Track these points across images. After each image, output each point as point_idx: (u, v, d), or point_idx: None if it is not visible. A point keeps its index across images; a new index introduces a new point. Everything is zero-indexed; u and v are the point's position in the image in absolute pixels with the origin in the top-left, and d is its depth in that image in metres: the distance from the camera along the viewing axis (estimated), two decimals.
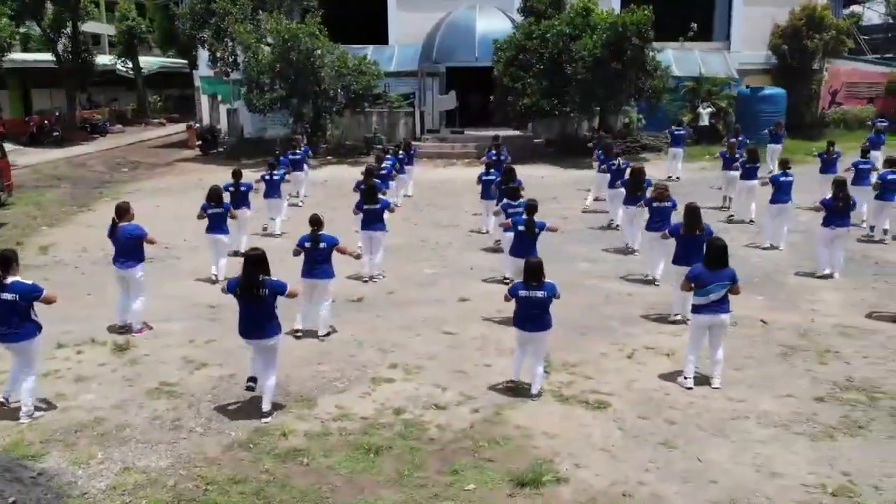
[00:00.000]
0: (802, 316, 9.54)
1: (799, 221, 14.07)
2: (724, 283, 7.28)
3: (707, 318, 7.35)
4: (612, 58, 22.20)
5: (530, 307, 7.12)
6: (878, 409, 6.92)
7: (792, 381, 7.59)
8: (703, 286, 7.29)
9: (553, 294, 7.17)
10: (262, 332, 6.84)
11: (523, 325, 7.21)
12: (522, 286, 7.14)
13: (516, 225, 9.44)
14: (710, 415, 6.88)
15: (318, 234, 8.57)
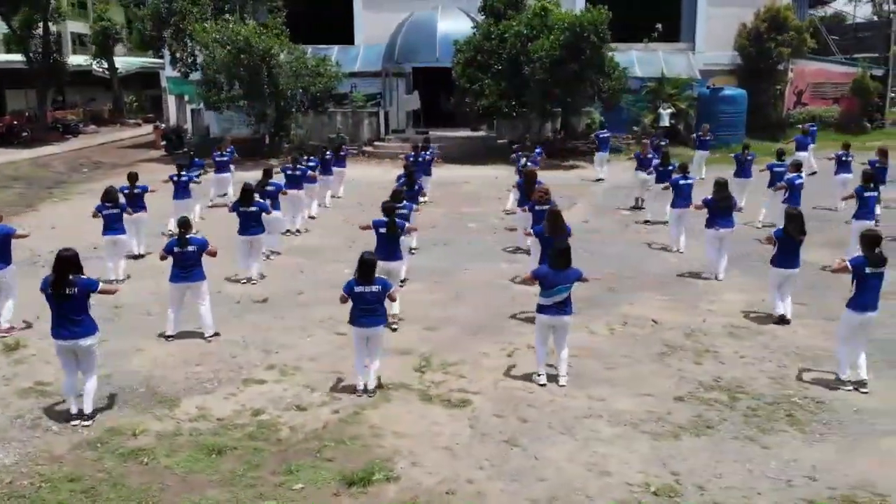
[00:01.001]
0: (697, 316, 9.58)
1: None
2: (569, 283, 7.33)
3: (548, 318, 7.43)
4: (569, 58, 22.21)
5: (365, 303, 7.17)
6: (735, 410, 6.97)
7: (659, 380, 7.64)
8: (549, 287, 7.34)
9: (387, 289, 7.24)
10: (75, 332, 6.78)
11: (358, 321, 7.24)
12: (356, 282, 7.19)
13: (377, 227, 9.42)
14: (565, 413, 6.93)
15: (186, 237, 8.60)
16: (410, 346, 8.61)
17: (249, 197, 10.88)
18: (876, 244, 7.32)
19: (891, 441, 6.37)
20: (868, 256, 7.33)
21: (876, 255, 7.30)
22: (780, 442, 6.37)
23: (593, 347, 8.56)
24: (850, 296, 7.41)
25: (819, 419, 6.77)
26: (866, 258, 7.33)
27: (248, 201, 10.84)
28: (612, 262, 12.23)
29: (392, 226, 9.20)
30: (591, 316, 9.54)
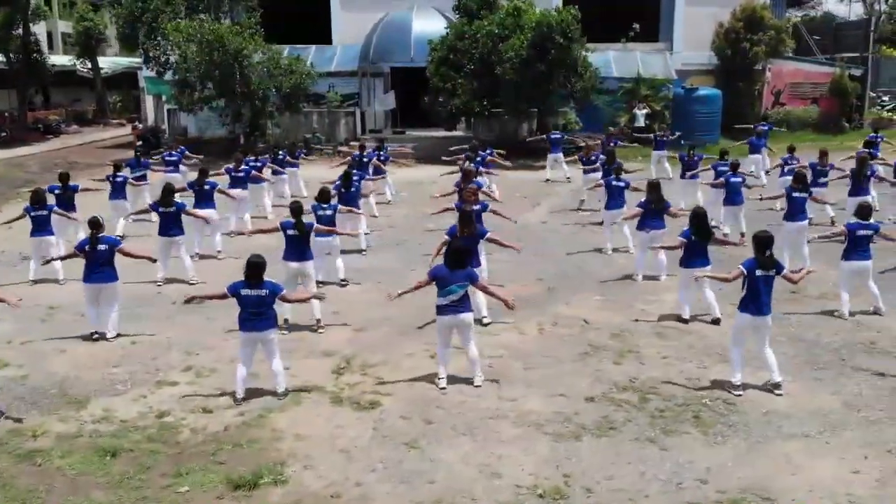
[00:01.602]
0: (630, 316, 9.53)
1: None
2: (462, 283, 7.30)
3: (448, 318, 7.38)
4: (537, 58, 22.18)
5: (251, 306, 7.11)
6: (642, 411, 6.92)
7: (576, 380, 7.59)
8: (443, 287, 7.30)
9: (275, 292, 7.17)
10: None
11: (245, 326, 7.18)
12: (242, 284, 7.13)
13: (285, 228, 9.37)
14: (473, 414, 6.88)
15: (97, 236, 8.55)
16: (337, 347, 8.56)
17: (168, 198, 10.83)
18: (767, 247, 7.26)
19: (792, 444, 6.31)
20: (758, 259, 7.27)
21: (766, 257, 7.24)
22: (681, 444, 6.33)
23: (518, 348, 8.52)
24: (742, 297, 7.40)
25: (725, 421, 6.72)
26: (756, 261, 7.28)
27: (167, 202, 10.79)
28: (561, 263, 12.21)
29: (299, 226, 9.13)
30: (523, 316, 9.48)
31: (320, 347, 8.51)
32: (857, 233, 9.19)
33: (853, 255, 9.24)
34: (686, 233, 9.14)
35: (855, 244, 9.20)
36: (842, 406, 6.97)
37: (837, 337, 8.69)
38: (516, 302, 9.61)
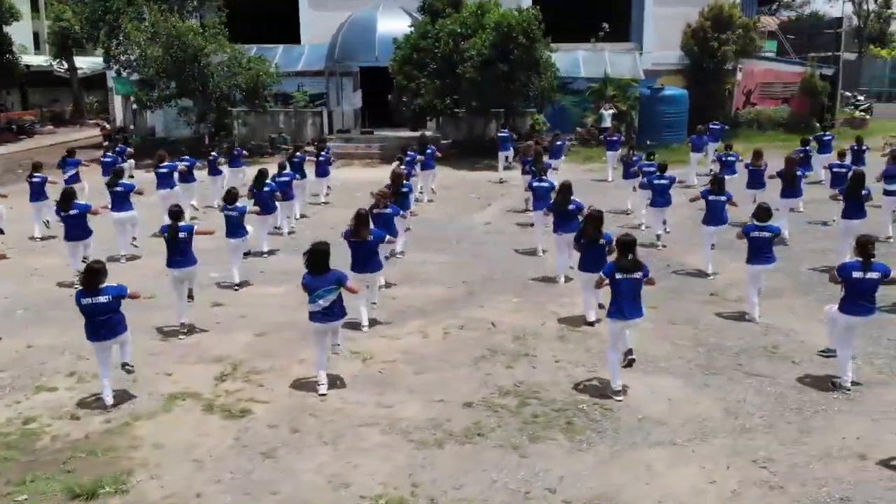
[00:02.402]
0: (541, 318, 9.39)
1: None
2: (330, 287, 7.16)
3: (321, 325, 7.24)
4: (498, 58, 22.02)
5: (94, 314, 6.96)
6: (517, 416, 6.79)
7: (461, 385, 7.46)
8: (311, 293, 7.17)
9: (120, 295, 7.03)
10: None
11: (92, 336, 7.08)
12: (82, 294, 7.04)
13: (163, 233, 9.20)
14: (345, 422, 6.74)
15: None
16: (230, 352, 8.40)
17: (68, 202, 10.71)
18: (629, 249, 7.16)
19: (656, 452, 6.18)
20: (618, 262, 7.17)
21: (628, 260, 7.12)
22: (544, 451, 6.19)
23: (416, 352, 8.36)
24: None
25: (597, 427, 6.58)
26: (616, 264, 7.17)
27: (66, 206, 10.67)
28: (492, 264, 12.05)
29: (172, 231, 9.00)
30: (433, 319, 9.38)
31: (213, 353, 8.37)
32: (751, 234, 9.07)
33: (753, 259, 9.12)
34: (579, 234, 9.05)
35: (754, 247, 9.07)
36: (721, 413, 6.84)
37: (741, 341, 8.55)
38: (431, 305, 9.65)
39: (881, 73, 45.00)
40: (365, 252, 8.96)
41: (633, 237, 7.41)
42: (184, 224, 9.34)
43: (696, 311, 9.68)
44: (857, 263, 7.19)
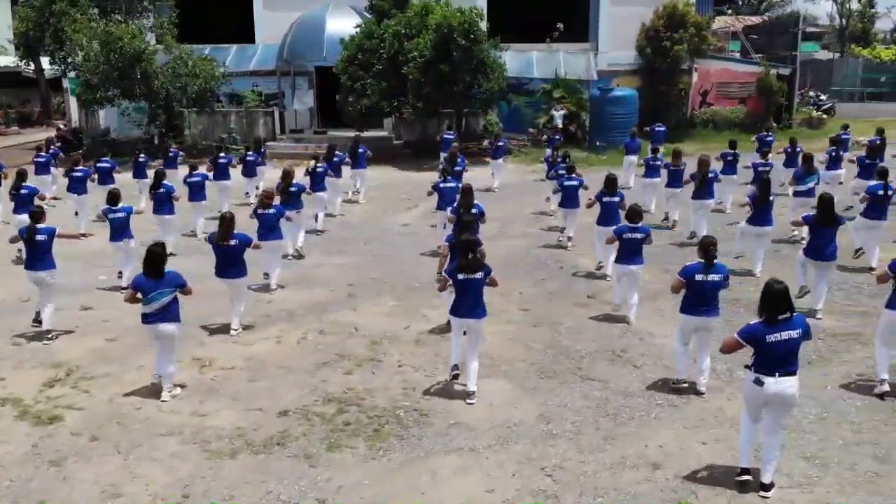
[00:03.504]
0: (408, 322, 9.26)
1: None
2: (164, 290, 7.05)
3: (150, 327, 7.19)
4: (439, 59, 21.90)
5: None
6: (328, 424, 6.67)
7: (287, 392, 7.34)
8: (145, 295, 7.07)
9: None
10: None
11: None
12: None
13: (21, 236, 9.11)
14: (147, 431, 6.62)
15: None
16: (72, 357, 8.23)
17: None
18: (469, 250, 7.07)
19: (449, 459, 6.07)
20: (459, 262, 7.11)
21: (467, 260, 7.02)
22: (337, 460, 6.08)
23: (261, 358, 8.23)
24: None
25: (404, 434, 6.47)
26: (458, 265, 7.12)
27: None
28: (387, 267, 11.93)
29: (30, 232, 8.87)
30: (298, 324, 9.27)
31: (56, 358, 8.24)
32: (623, 235, 8.97)
33: (622, 259, 9.03)
34: (450, 237, 8.92)
35: (625, 248, 8.97)
36: (535, 418, 6.73)
37: (594, 344, 8.45)
38: (304, 309, 9.54)
39: (853, 73, 44.91)
40: (228, 257, 8.84)
41: (474, 238, 7.33)
42: (43, 226, 9.17)
43: (566, 313, 9.57)
44: (699, 265, 7.10)
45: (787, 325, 5.39)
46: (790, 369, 5.41)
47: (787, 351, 5.39)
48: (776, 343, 5.36)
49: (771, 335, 5.36)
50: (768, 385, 5.38)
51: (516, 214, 16.05)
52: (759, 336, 5.39)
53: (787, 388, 5.41)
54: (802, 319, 5.55)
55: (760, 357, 5.44)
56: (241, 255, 8.92)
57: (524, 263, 12.11)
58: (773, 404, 5.48)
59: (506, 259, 12.37)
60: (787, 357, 5.40)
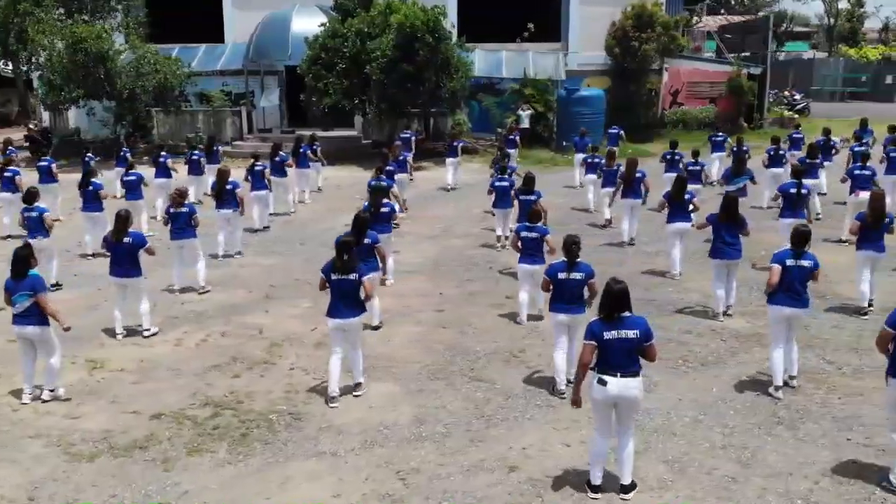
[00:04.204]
0: (315, 324, 9.15)
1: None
2: (25, 293, 6.98)
3: (18, 329, 7.12)
4: (402, 58, 21.82)
5: None
6: (197, 428, 6.58)
7: (170, 395, 7.25)
8: (10, 297, 7.01)
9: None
10: None
11: None
12: None
13: None
14: (13, 433, 6.54)
15: None
16: None
17: None
18: (344, 251, 7.07)
19: (308, 464, 5.99)
20: (334, 263, 7.12)
21: (343, 261, 7.03)
22: (193, 464, 6.00)
23: (155, 360, 8.16)
24: None
25: (270, 439, 6.39)
26: (332, 264, 7.11)
27: None
28: (315, 266, 11.52)
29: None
30: (203, 326, 9.19)
31: None
32: (520, 234, 9.02)
33: (522, 259, 9.02)
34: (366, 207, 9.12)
35: (525, 247, 8.96)
36: (409, 421, 6.65)
37: (495, 345, 8.39)
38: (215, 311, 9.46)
39: (834, 73, 44.89)
40: (122, 255, 8.76)
41: (346, 240, 7.25)
42: None
43: (480, 313, 9.51)
44: (562, 264, 7.05)
45: (624, 324, 5.37)
46: (632, 369, 5.38)
47: (625, 350, 5.36)
48: (613, 341, 5.34)
49: (608, 332, 5.35)
50: (611, 385, 5.32)
51: (464, 214, 16.00)
52: (597, 333, 5.38)
53: (631, 389, 5.36)
54: (643, 321, 5.50)
55: (601, 356, 5.41)
56: (134, 254, 8.79)
57: (455, 263, 12.04)
58: (619, 406, 5.42)
59: (437, 259, 12.36)
60: (626, 356, 5.37)
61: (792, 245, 7.15)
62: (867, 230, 9.02)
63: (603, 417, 5.48)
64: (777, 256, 7.16)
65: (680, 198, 10.71)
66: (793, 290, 7.00)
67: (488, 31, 27.43)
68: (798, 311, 7.06)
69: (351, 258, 7.10)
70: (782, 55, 55.31)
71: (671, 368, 7.70)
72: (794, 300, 6.99)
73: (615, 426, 5.50)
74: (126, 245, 8.71)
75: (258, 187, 14.42)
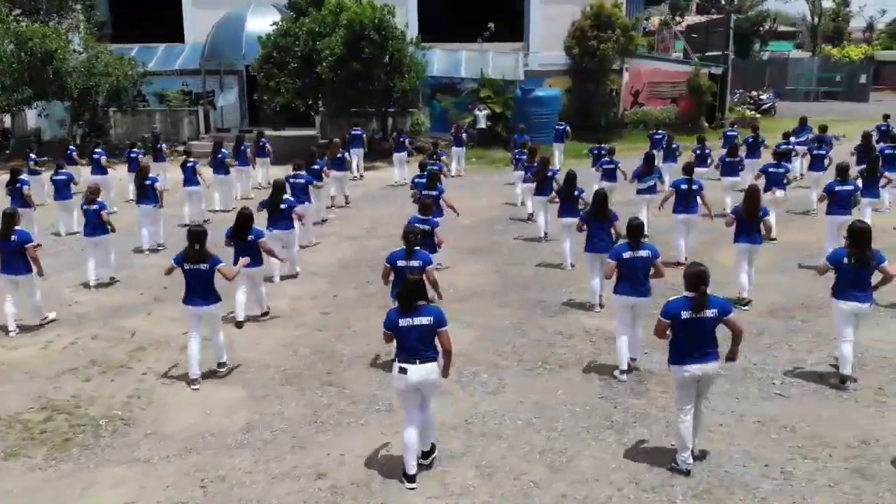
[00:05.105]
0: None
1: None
2: None
3: None
4: (350, 57, 21.73)
5: None
6: (26, 432, 6.53)
7: (12, 399, 7.17)
8: None
9: None
10: None
11: None
12: None
13: None
14: None
15: None
16: None
17: None
18: (197, 240, 7.40)
19: (114, 471, 5.90)
20: (186, 252, 7.48)
21: (193, 251, 7.37)
22: (6, 469, 5.93)
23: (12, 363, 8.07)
24: None
25: (91, 443, 6.31)
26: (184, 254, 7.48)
27: None
28: None
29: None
30: (77, 329, 9.12)
31: None
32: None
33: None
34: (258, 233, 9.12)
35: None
36: (239, 427, 6.55)
37: (366, 347, 8.30)
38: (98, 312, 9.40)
39: (808, 73, 44.80)
40: (10, 253, 8.79)
41: (202, 230, 7.51)
42: None
43: (364, 316, 9.38)
44: (402, 252, 7.59)
45: (419, 313, 5.54)
46: (428, 355, 5.57)
47: (420, 337, 5.54)
48: (409, 328, 5.53)
49: (403, 320, 5.54)
50: (411, 372, 5.51)
51: (397, 214, 15.80)
52: (394, 321, 5.58)
53: (430, 374, 5.57)
54: (437, 309, 5.69)
55: (399, 344, 5.61)
56: (22, 251, 8.79)
57: (365, 265, 11.89)
58: (421, 391, 5.63)
59: (348, 260, 12.26)
60: (421, 343, 5.55)
61: (628, 238, 7.35)
62: (743, 223, 9.10)
63: (408, 401, 5.66)
64: (614, 251, 7.47)
65: (570, 195, 10.83)
66: (635, 281, 7.25)
67: (451, 31, 27.39)
68: (640, 300, 7.32)
69: (203, 248, 7.35)
70: (766, 55, 55.36)
71: (527, 370, 7.63)
72: (635, 290, 7.26)
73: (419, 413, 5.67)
74: (14, 243, 8.74)
75: (190, 183, 14.70)
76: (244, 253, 8.50)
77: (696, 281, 5.54)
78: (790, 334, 8.41)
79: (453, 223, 14.56)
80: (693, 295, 5.55)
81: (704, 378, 5.64)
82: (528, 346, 8.28)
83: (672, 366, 5.68)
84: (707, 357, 5.59)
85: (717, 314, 5.54)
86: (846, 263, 6.97)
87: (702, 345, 5.58)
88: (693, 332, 5.54)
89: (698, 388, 5.70)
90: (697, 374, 5.57)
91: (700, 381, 5.64)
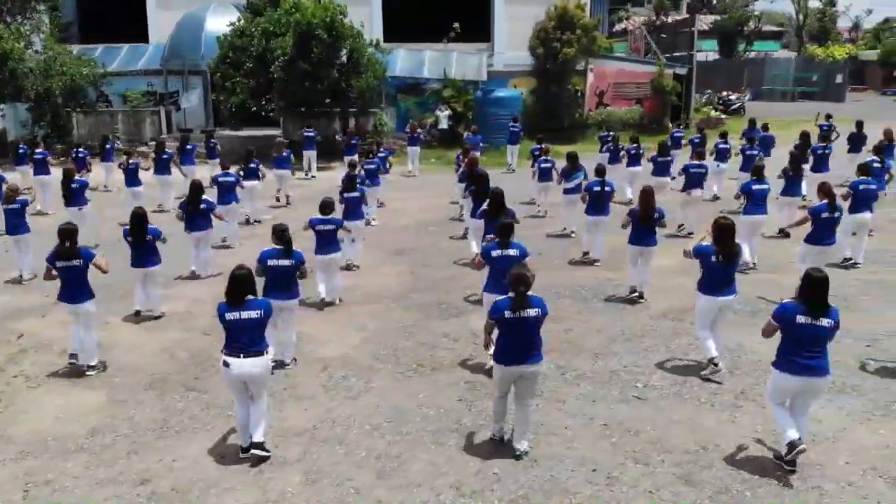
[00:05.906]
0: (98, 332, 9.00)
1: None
2: None
3: None
4: (300, 56, 21.66)
5: None
6: None
7: None
8: None
9: None
10: None
11: None
12: None
13: None
14: None
15: None
16: None
17: None
18: (67, 237, 7.48)
19: None
20: (57, 250, 7.61)
21: (64, 248, 7.49)
22: None
23: None
24: None
25: None
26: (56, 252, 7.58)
27: None
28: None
29: None
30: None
31: None
32: (315, 227, 9.58)
33: (316, 249, 9.58)
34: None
35: (318, 238, 9.62)
36: (85, 432, 6.48)
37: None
38: None
39: (785, 73, 44.74)
40: None
41: (73, 227, 7.62)
42: None
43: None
44: (274, 251, 7.70)
45: (246, 307, 5.74)
46: (255, 349, 5.71)
47: (243, 330, 5.69)
48: (234, 321, 5.72)
49: (230, 313, 5.73)
50: (234, 366, 5.66)
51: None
52: (221, 314, 5.74)
53: (254, 368, 5.71)
54: (265, 302, 5.96)
55: (227, 337, 5.76)
56: None
57: None
58: (248, 383, 5.80)
59: None
60: (248, 336, 5.69)
61: (498, 236, 7.34)
62: (637, 223, 9.09)
63: (239, 396, 5.90)
64: (484, 249, 7.51)
65: (483, 196, 10.79)
66: (504, 279, 7.05)
67: (417, 31, 27.35)
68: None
69: (73, 245, 7.49)
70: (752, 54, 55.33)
71: (398, 374, 7.58)
72: (505, 288, 7.04)
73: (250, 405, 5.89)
74: None
75: (132, 184, 14.96)
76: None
77: (518, 283, 5.55)
78: (673, 336, 8.36)
79: (391, 224, 14.64)
80: (513, 295, 5.58)
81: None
82: (410, 349, 8.22)
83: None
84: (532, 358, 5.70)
85: (539, 314, 5.61)
86: (714, 261, 7.03)
87: (526, 346, 5.65)
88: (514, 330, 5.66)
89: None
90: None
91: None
